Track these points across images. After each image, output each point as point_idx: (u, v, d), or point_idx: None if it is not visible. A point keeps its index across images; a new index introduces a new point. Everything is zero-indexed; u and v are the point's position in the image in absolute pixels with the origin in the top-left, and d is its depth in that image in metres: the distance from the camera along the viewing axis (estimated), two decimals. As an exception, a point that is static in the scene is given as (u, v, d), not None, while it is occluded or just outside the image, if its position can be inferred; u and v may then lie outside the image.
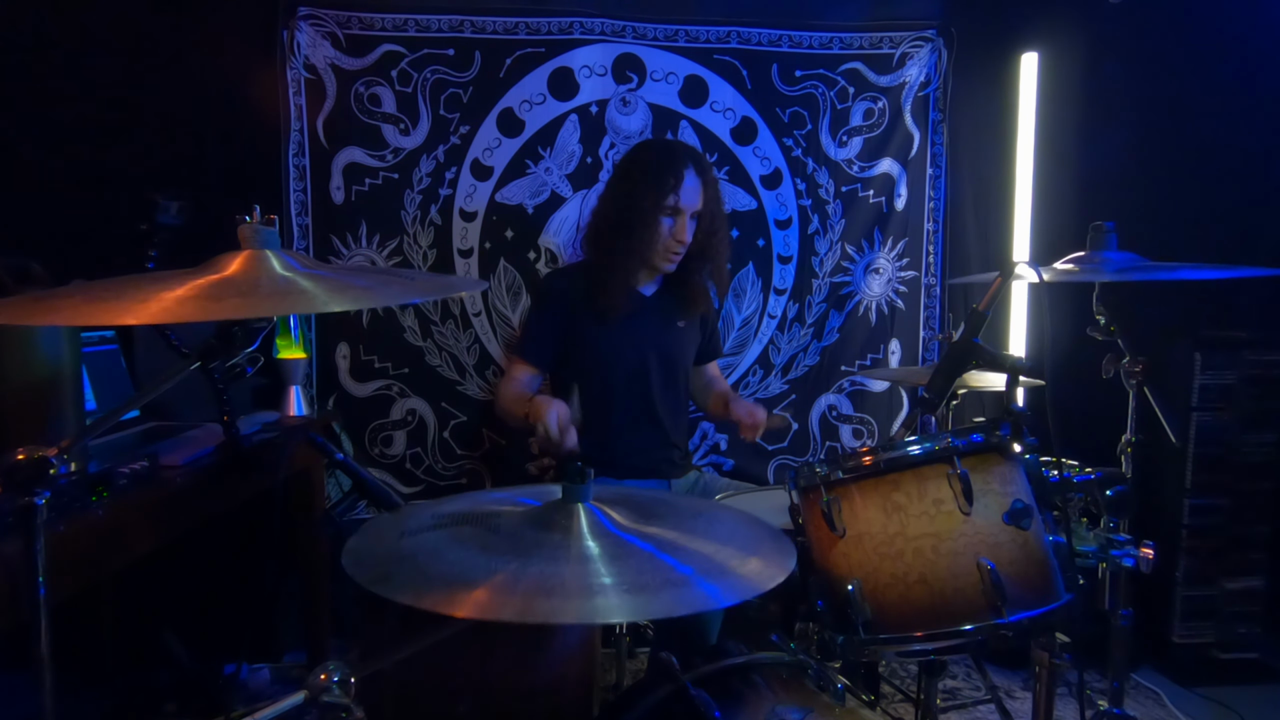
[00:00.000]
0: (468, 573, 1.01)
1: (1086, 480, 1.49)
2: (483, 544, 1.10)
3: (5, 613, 1.14)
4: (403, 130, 2.76)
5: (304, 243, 2.74)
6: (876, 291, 3.08)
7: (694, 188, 2.21)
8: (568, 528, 1.11)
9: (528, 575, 1.00)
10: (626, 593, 0.99)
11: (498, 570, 1.02)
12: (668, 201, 2.19)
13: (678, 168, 2.19)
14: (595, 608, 0.97)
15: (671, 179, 2.18)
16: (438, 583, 1.00)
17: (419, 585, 1.00)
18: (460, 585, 0.98)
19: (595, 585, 0.99)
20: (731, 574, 1.07)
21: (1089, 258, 1.80)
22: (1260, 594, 2.67)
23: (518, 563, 1.03)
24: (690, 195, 2.21)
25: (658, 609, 1.01)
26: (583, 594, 0.98)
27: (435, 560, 1.06)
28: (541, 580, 0.99)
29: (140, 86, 2.62)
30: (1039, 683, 1.48)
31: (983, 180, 3.07)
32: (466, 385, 2.88)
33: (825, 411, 3.10)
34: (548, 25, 2.78)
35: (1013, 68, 2.98)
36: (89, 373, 1.81)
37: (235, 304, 0.95)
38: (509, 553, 1.06)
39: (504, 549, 1.07)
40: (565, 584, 0.99)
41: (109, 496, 1.44)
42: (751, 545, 1.16)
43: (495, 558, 1.05)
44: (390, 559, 1.08)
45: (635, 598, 0.98)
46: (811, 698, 1.21)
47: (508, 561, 1.03)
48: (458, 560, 1.05)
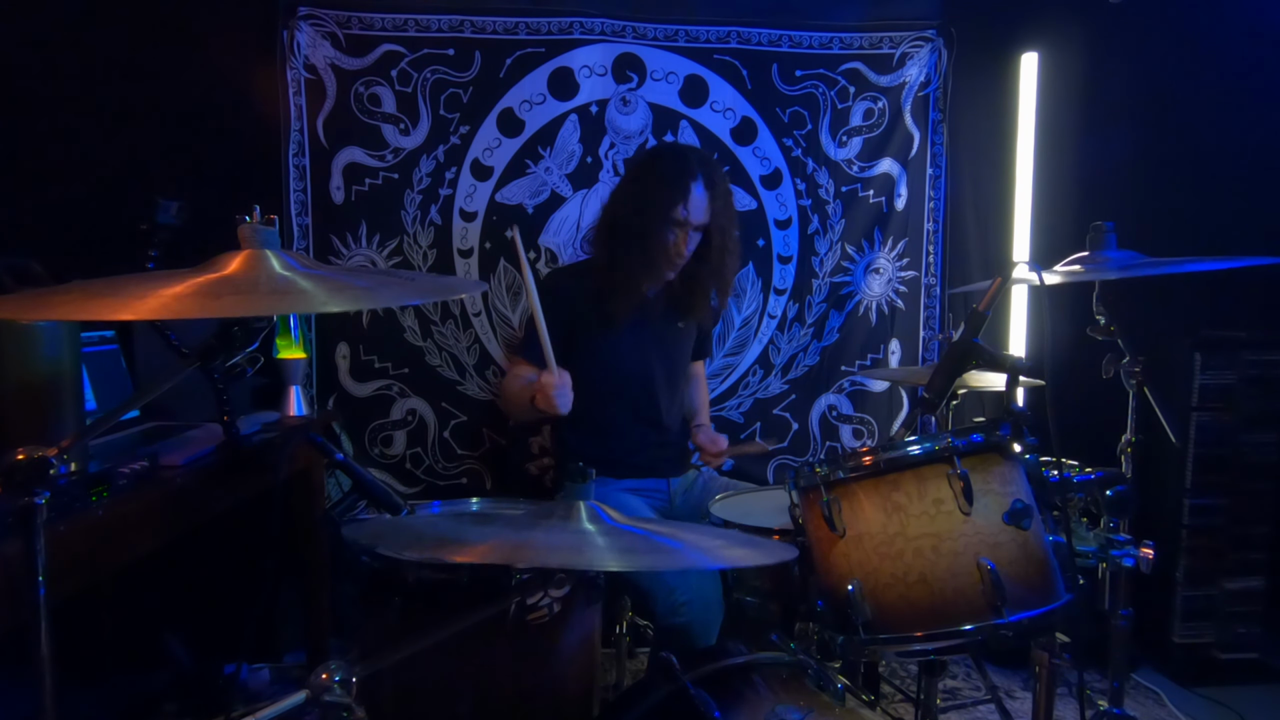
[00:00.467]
0: (464, 535, 1.05)
1: (1086, 480, 1.49)
2: (482, 521, 1.13)
3: (5, 613, 1.14)
4: (403, 130, 2.76)
5: (304, 243, 2.74)
6: (876, 291, 3.08)
7: (701, 201, 2.18)
8: (567, 516, 1.12)
9: (523, 537, 1.04)
10: (617, 551, 1.03)
11: (496, 535, 1.04)
12: (675, 214, 2.18)
13: (685, 179, 2.17)
14: (586, 559, 1.00)
15: (679, 191, 2.16)
16: (432, 541, 1.02)
17: (416, 542, 1.03)
18: (456, 542, 1.01)
19: (588, 544, 1.02)
20: (718, 552, 1.12)
21: (1089, 258, 1.80)
22: (1260, 594, 2.67)
23: (518, 533, 1.06)
24: (697, 209, 2.18)
25: (646, 564, 1.05)
26: (575, 549, 1.00)
27: (433, 527, 1.08)
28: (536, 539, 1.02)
29: (140, 86, 2.61)
30: (1039, 683, 1.48)
31: (983, 180, 3.07)
32: (466, 385, 2.88)
33: (825, 411, 3.10)
34: (548, 25, 2.78)
35: (1013, 68, 2.98)
36: (89, 373, 1.81)
37: (233, 302, 0.95)
38: (507, 527, 1.09)
39: (502, 524, 1.10)
40: (559, 542, 1.02)
41: (109, 496, 1.44)
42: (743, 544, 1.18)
43: (493, 528, 1.08)
44: (389, 526, 1.10)
45: (625, 555, 1.02)
46: (811, 698, 1.22)
47: (508, 533, 1.06)
48: (455, 528, 1.08)
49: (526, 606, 1.30)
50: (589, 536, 1.06)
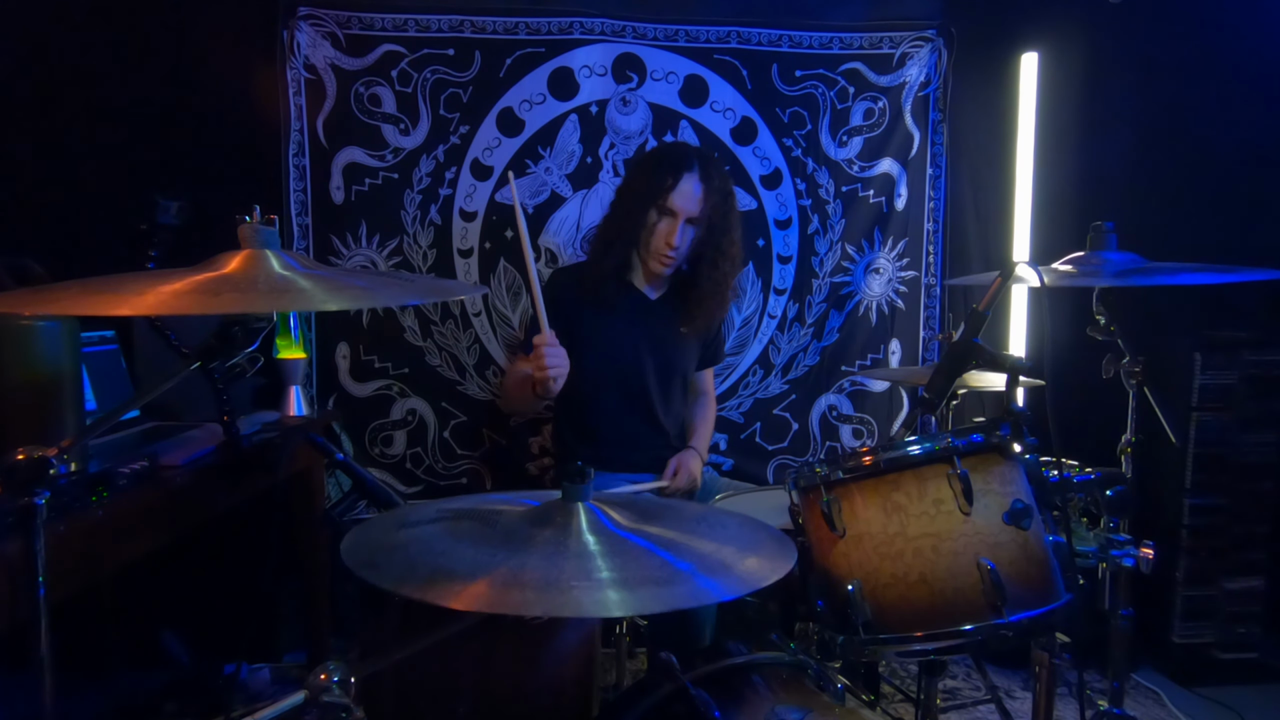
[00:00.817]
0: (461, 565, 1.00)
1: (1086, 480, 1.49)
2: (479, 538, 1.09)
3: (5, 613, 1.14)
4: (403, 130, 2.76)
5: (304, 243, 2.74)
6: (877, 291, 3.08)
7: (692, 192, 2.17)
8: (566, 525, 1.10)
9: (524, 570, 0.99)
10: (624, 587, 0.98)
11: (492, 564, 1.00)
12: (663, 201, 2.18)
13: (679, 169, 2.18)
14: (593, 603, 0.96)
15: (669, 178, 2.17)
16: (425, 573, 0.99)
17: (408, 576, 0.99)
18: (451, 577, 0.97)
19: (593, 580, 0.98)
20: (730, 570, 1.06)
21: (1089, 258, 1.80)
22: (1260, 594, 2.67)
23: (515, 558, 1.02)
24: (686, 199, 2.18)
25: (656, 604, 1.00)
26: (579, 589, 0.97)
27: (427, 551, 1.05)
28: (537, 574, 0.98)
29: (140, 86, 2.62)
30: (1039, 683, 1.48)
31: (983, 180, 3.07)
32: (466, 385, 2.88)
33: (825, 411, 3.10)
34: (548, 25, 2.78)
35: (1013, 68, 2.98)
36: (89, 373, 1.81)
37: (232, 299, 0.95)
38: (506, 548, 1.05)
39: (501, 543, 1.07)
40: (561, 578, 0.98)
41: (109, 496, 1.44)
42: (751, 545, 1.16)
43: (490, 551, 1.04)
44: (384, 548, 1.07)
45: (633, 592, 0.98)
46: (811, 698, 1.21)
47: (504, 556, 1.02)
48: (449, 551, 1.04)
49: (526, 606, 1.30)
50: (591, 563, 1.02)
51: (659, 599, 0.98)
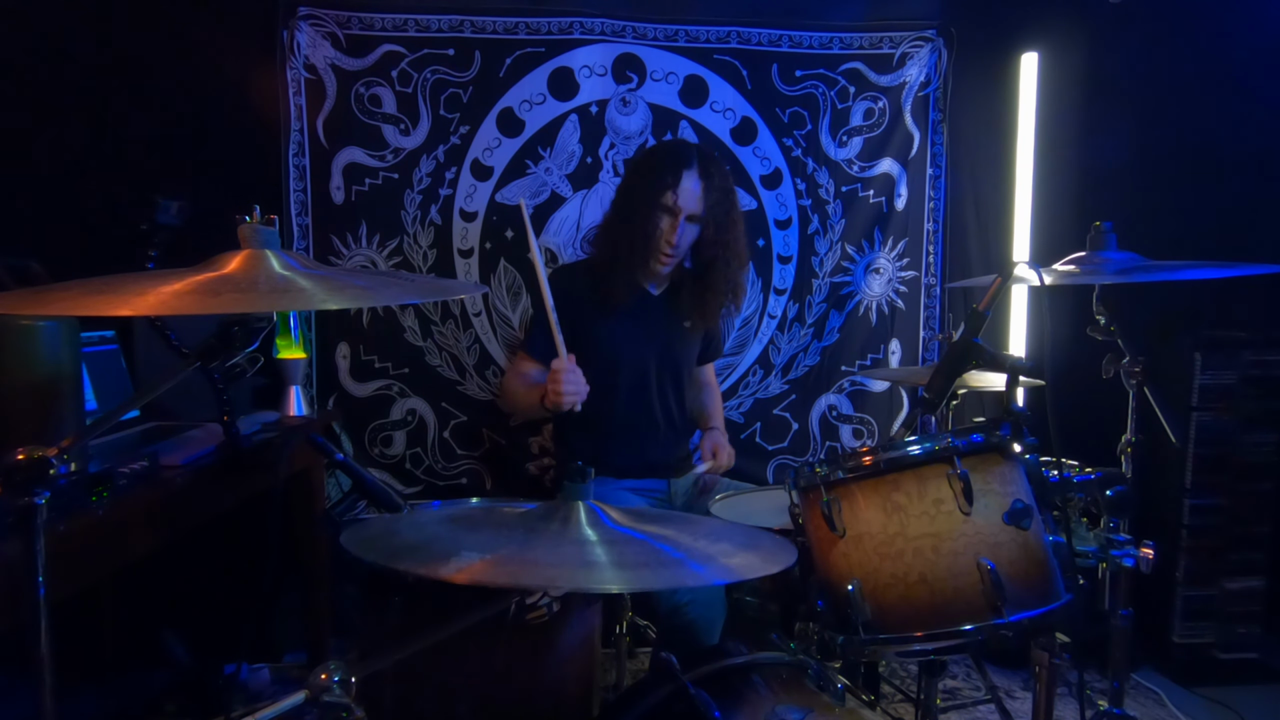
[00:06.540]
0: (462, 546, 1.03)
1: (1086, 480, 1.49)
2: (481, 526, 1.11)
3: (5, 613, 1.14)
4: (403, 130, 2.76)
5: (304, 243, 2.74)
6: (877, 291, 3.08)
7: (693, 190, 2.18)
8: (567, 520, 1.11)
9: (524, 551, 1.02)
10: (620, 568, 1.01)
11: (493, 546, 1.03)
12: (663, 199, 2.18)
13: (679, 167, 2.18)
14: (590, 579, 0.99)
15: (670, 176, 2.18)
16: (426, 553, 1.01)
17: (408, 554, 1.01)
18: (452, 556, 0.99)
19: (591, 561, 1.01)
20: (722, 561, 1.09)
21: (1089, 258, 1.80)
22: (1260, 594, 2.67)
23: (515, 543, 1.04)
24: (687, 197, 2.18)
25: (650, 582, 1.03)
26: (574, 565, 0.99)
27: (429, 536, 1.07)
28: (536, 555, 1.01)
29: (140, 86, 2.62)
30: (1039, 683, 1.47)
31: (983, 180, 3.07)
32: (466, 385, 2.87)
33: (825, 411, 3.10)
34: (548, 25, 2.78)
35: (1013, 68, 2.98)
36: (89, 373, 1.81)
37: (232, 299, 0.95)
38: (507, 536, 1.07)
39: (502, 531, 1.08)
40: (558, 558, 1.00)
41: (109, 496, 1.44)
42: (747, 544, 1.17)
43: (492, 535, 1.06)
44: (383, 533, 1.09)
45: (628, 571, 1.00)
46: (811, 698, 1.21)
47: (505, 541, 1.04)
48: (451, 536, 1.06)
49: (526, 606, 1.30)
50: (589, 549, 1.04)
51: (653, 578, 1.01)
